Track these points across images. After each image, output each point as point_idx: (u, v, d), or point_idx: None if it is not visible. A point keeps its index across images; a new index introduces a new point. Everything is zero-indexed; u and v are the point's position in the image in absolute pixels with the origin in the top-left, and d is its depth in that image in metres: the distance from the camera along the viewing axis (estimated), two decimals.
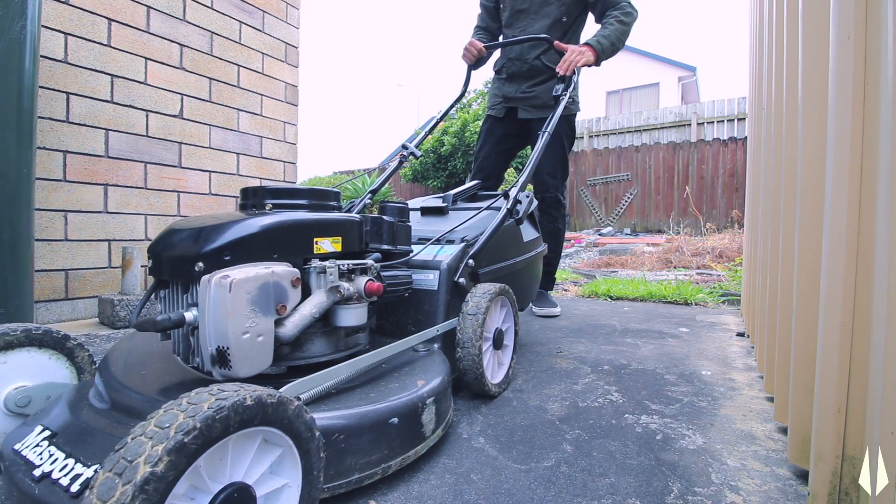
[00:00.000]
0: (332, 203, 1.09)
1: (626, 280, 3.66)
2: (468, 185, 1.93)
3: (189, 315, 0.79)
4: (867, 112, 0.67)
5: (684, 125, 10.07)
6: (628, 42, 2.18)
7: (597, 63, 2.02)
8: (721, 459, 0.98)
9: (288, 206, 1.00)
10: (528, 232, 1.84)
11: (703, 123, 9.91)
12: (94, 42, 2.29)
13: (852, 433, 0.71)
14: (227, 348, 0.74)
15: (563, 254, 6.08)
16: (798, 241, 0.89)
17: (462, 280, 1.28)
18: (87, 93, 2.26)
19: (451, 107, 2.21)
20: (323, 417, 0.79)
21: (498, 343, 1.32)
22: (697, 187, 8.57)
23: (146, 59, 2.49)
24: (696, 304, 2.93)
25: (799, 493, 0.85)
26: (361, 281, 0.99)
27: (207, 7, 2.75)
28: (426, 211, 1.75)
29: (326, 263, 0.93)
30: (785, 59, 1.07)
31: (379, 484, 0.87)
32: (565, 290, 3.48)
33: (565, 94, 1.87)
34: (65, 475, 0.64)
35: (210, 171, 2.80)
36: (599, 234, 8.35)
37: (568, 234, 8.23)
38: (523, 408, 1.25)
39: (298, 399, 0.77)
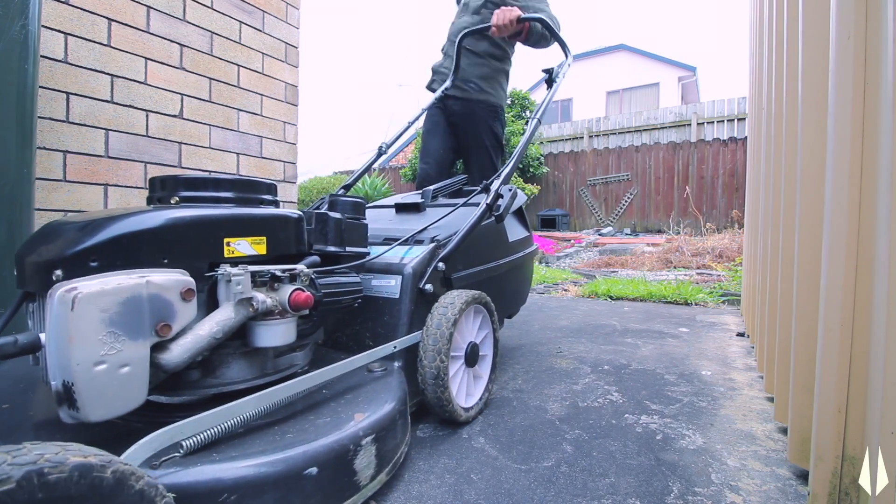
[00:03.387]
0: (261, 196, 0.91)
1: (626, 280, 3.66)
2: (452, 179, 1.73)
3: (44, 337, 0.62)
4: (867, 112, 0.67)
5: (684, 125, 10.07)
6: (628, 42, 2.18)
7: (527, 39, 1.95)
8: (721, 459, 0.98)
9: (201, 199, 0.84)
10: (515, 230, 1.67)
11: (703, 123, 9.90)
12: (94, 42, 2.29)
13: (852, 433, 0.71)
14: (72, 384, 0.58)
15: (563, 254, 6.09)
16: (798, 241, 0.89)
17: (428, 287, 1.11)
18: (87, 93, 2.26)
19: (429, 106, 2.20)
20: (208, 471, 0.63)
21: (472, 360, 1.17)
22: (697, 187, 8.57)
23: (146, 59, 2.49)
24: (696, 304, 2.93)
25: (799, 493, 0.85)
26: (286, 291, 0.82)
27: (207, 7, 2.75)
28: (401, 208, 1.56)
29: (233, 270, 0.76)
30: (785, 59, 1.07)
31: None
32: (565, 290, 3.48)
33: (559, 77, 1.78)
34: None
35: (210, 172, 2.80)
36: (599, 234, 8.35)
37: (568, 234, 8.23)
38: (523, 408, 1.25)
39: (179, 445, 0.63)
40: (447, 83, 2.18)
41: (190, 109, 2.68)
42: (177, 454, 0.65)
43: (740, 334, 2.10)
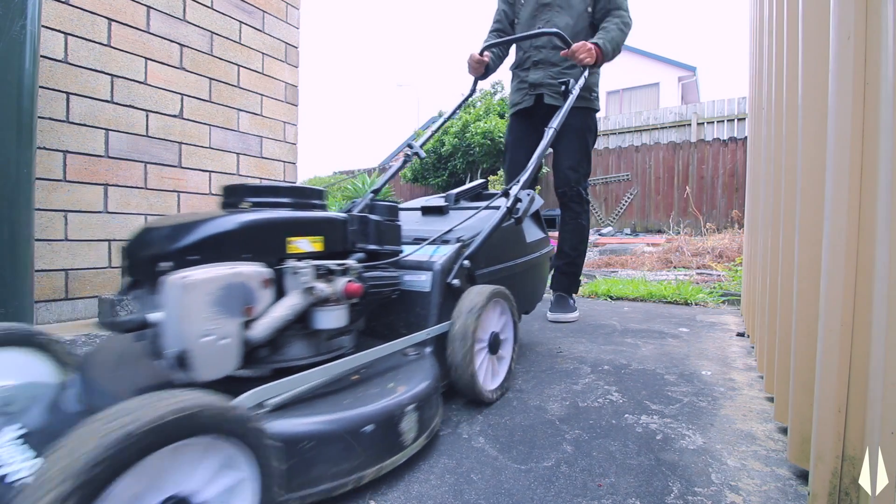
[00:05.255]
0: (315, 202, 1.07)
1: (626, 280, 3.66)
2: (472, 183, 1.89)
3: (154, 316, 0.77)
4: (867, 112, 0.67)
5: (684, 125, 10.07)
6: (628, 42, 2.19)
7: (597, 65, 2.03)
8: (721, 459, 0.98)
9: (268, 204, 0.98)
10: (532, 232, 1.80)
11: (703, 123, 9.90)
12: (94, 42, 2.29)
13: (852, 433, 0.71)
14: (187, 351, 0.73)
15: None
16: (798, 241, 0.89)
17: (456, 282, 1.25)
18: (87, 93, 2.26)
19: (456, 110, 2.21)
20: (288, 425, 0.77)
21: (494, 347, 1.29)
22: (697, 187, 8.57)
23: (146, 59, 2.49)
24: (696, 304, 2.93)
25: (799, 493, 0.85)
26: (341, 282, 0.97)
27: (207, 7, 2.75)
28: (427, 210, 1.72)
29: (299, 264, 0.91)
30: (785, 59, 1.07)
31: (378, 483, 0.87)
32: None
33: (575, 88, 1.88)
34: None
35: (210, 172, 2.80)
36: (599, 234, 8.35)
37: None
38: (523, 408, 1.25)
39: (261, 405, 0.78)
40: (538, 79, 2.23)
41: (190, 109, 2.67)
42: (262, 411, 0.77)
43: (740, 334, 2.10)
